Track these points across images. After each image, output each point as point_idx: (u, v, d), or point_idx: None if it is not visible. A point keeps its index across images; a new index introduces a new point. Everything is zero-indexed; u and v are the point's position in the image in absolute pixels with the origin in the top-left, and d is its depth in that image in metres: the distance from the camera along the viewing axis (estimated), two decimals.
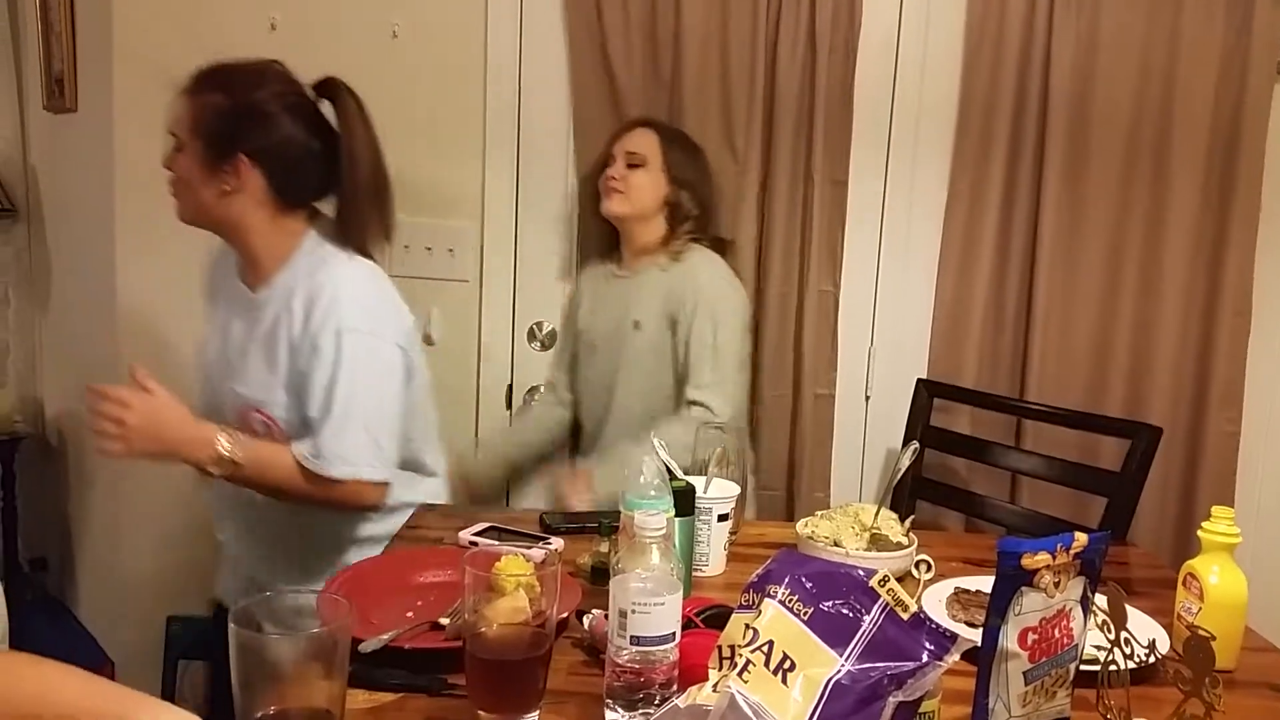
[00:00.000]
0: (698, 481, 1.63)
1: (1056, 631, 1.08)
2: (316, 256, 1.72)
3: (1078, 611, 1.10)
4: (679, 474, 1.59)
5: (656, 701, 1.10)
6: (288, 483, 1.66)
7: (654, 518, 1.15)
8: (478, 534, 1.72)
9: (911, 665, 0.98)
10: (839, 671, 0.98)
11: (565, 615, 1.35)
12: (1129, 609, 1.13)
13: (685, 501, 1.50)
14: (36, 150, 3.14)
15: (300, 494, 1.67)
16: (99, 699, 0.85)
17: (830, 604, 1.01)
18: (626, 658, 1.10)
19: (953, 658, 0.99)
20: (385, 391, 1.70)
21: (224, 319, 1.82)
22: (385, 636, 1.28)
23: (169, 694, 2.64)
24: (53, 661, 0.90)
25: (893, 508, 1.75)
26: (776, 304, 2.44)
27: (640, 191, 2.22)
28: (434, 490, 1.91)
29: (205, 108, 1.68)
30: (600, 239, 2.38)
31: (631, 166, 2.22)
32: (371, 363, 1.67)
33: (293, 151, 1.70)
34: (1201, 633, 1.07)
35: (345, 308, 1.65)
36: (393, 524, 1.78)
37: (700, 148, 2.32)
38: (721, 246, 2.34)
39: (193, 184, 1.70)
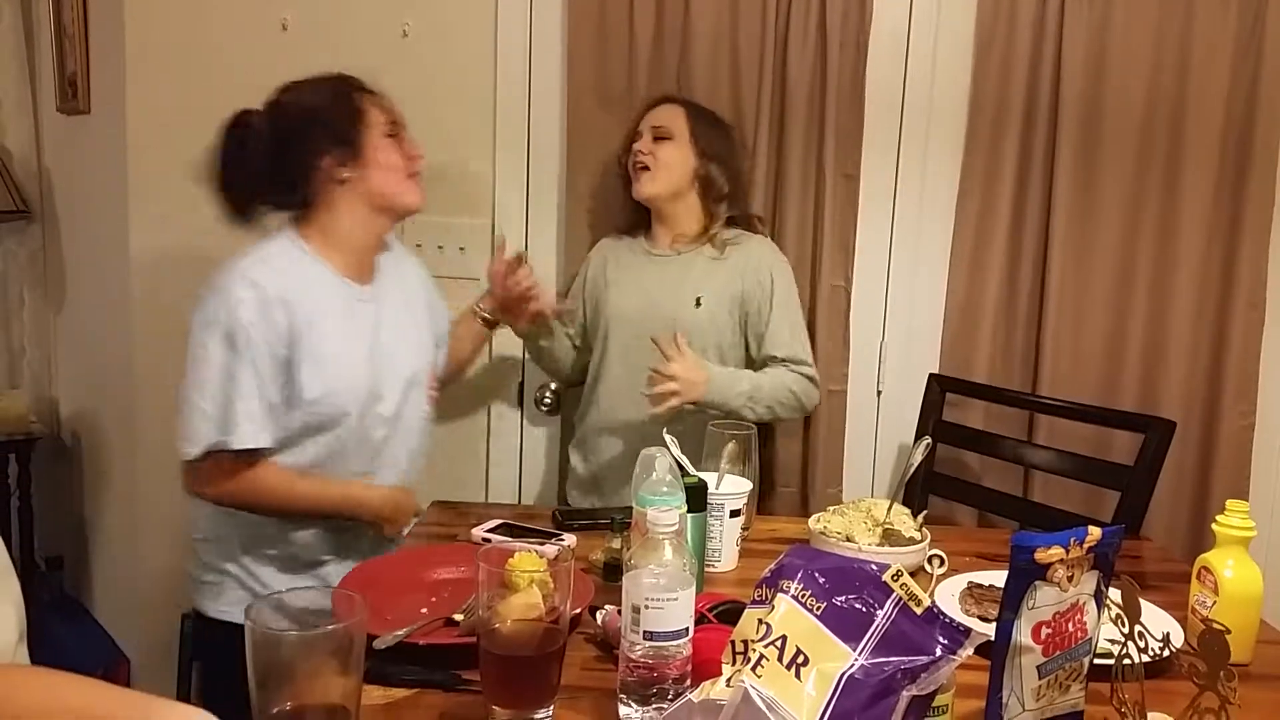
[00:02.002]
0: (709, 478, 1.63)
1: (1070, 625, 1.08)
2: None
3: (1091, 605, 1.10)
4: (691, 470, 1.60)
5: (670, 696, 1.10)
6: None
7: (666, 514, 1.15)
8: (491, 530, 1.73)
9: (925, 659, 0.98)
10: (852, 666, 0.98)
11: (578, 611, 1.35)
12: (1143, 603, 1.12)
13: (697, 497, 1.51)
14: (50, 152, 3.15)
15: None
16: (111, 705, 0.85)
17: (843, 599, 1.02)
18: (640, 653, 1.10)
19: (966, 652, 0.99)
20: None
21: (358, 321, 1.84)
22: (400, 633, 1.29)
23: (184, 692, 2.65)
24: (63, 673, 0.90)
25: (905, 503, 1.75)
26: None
27: (669, 167, 2.21)
28: None
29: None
30: (628, 218, 2.35)
31: (659, 140, 2.21)
32: None
33: None
34: (1216, 626, 1.06)
35: None
36: None
37: (728, 123, 2.32)
38: (753, 223, 2.34)
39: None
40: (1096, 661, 1.13)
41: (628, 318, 2.25)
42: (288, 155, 1.78)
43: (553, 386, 2.54)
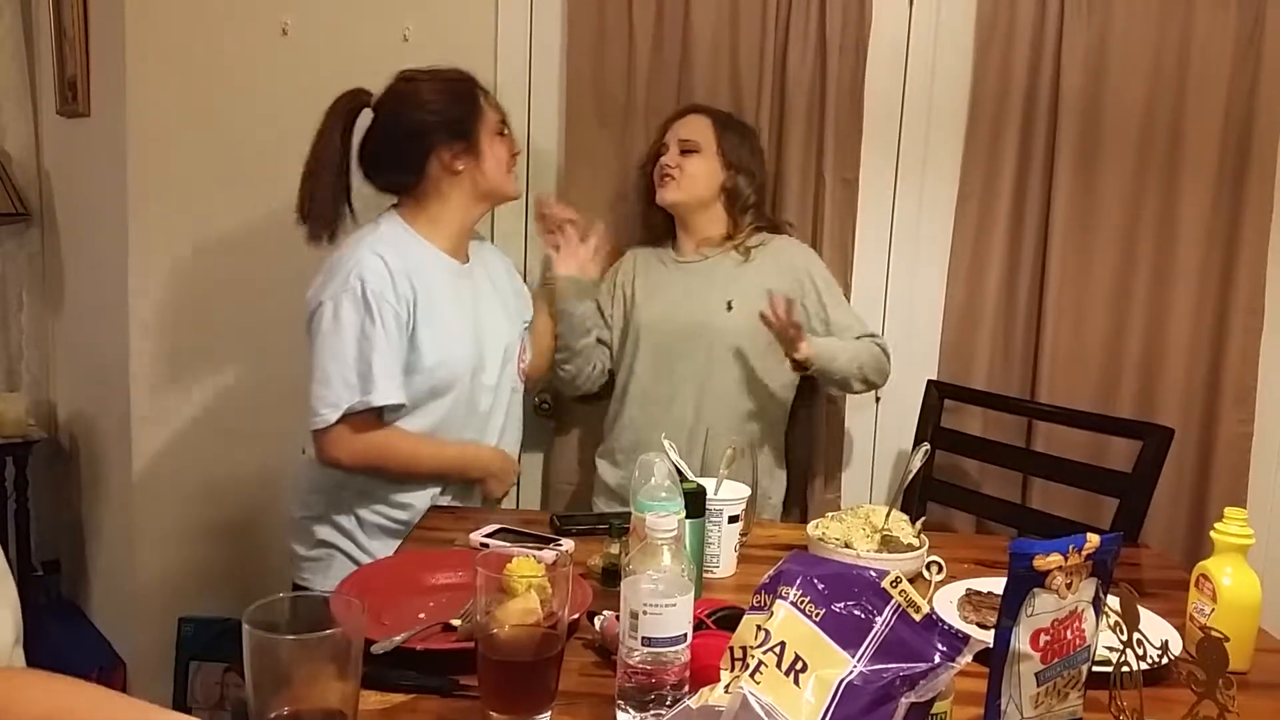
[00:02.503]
0: (708, 483, 1.63)
1: (1069, 633, 1.08)
2: None
3: (1090, 613, 1.10)
4: (690, 475, 1.59)
5: (668, 703, 1.10)
6: None
7: (665, 519, 1.15)
8: (489, 535, 1.72)
9: (924, 666, 0.98)
10: (851, 673, 0.98)
11: (576, 616, 1.35)
12: (1141, 610, 1.12)
13: (696, 503, 1.50)
14: (50, 154, 3.15)
15: None
16: (111, 712, 0.85)
17: (842, 605, 1.01)
18: (638, 659, 1.10)
19: (965, 659, 0.99)
20: None
21: (462, 296, 1.98)
22: (397, 638, 1.28)
23: (180, 695, 2.65)
24: (64, 678, 0.90)
25: (903, 509, 1.75)
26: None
27: (695, 179, 2.22)
28: None
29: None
30: (652, 229, 2.36)
31: (686, 153, 2.22)
32: None
33: None
34: (1215, 634, 1.06)
35: None
36: None
37: (754, 130, 2.33)
38: (781, 227, 2.34)
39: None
40: (1095, 669, 1.13)
41: (656, 326, 2.25)
42: (409, 144, 1.94)
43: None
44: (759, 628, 1.01)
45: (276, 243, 2.12)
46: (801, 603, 1.02)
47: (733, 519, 1.63)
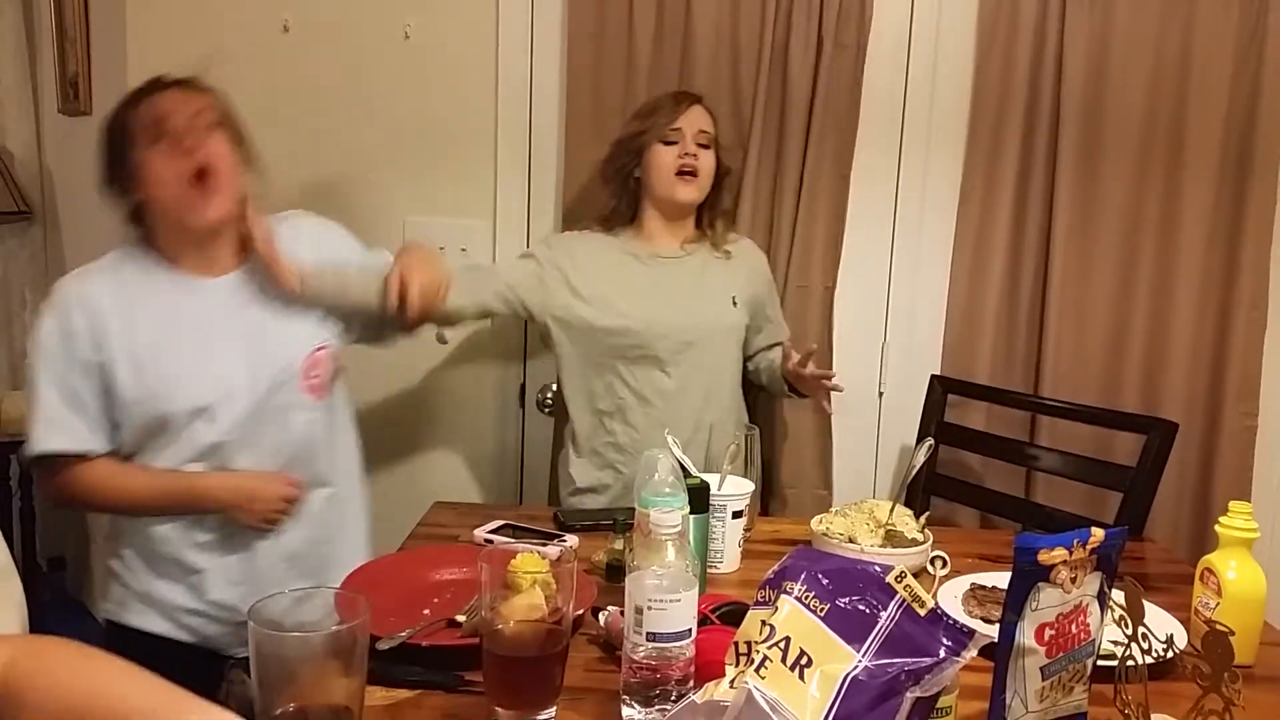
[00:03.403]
0: (711, 479, 1.63)
1: (1073, 627, 1.08)
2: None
3: (1094, 607, 1.10)
4: (693, 471, 1.59)
5: (673, 698, 1.10)
6: None
7: (669, 515, 1.15)
8: (493, 531, 1.73)
9: (929, 661, 0.98)
10: (856, 667, 0.98)
11: (581, 612, 1.35)
12: (1146, 604, 1.12)
13: (700, 499, 1.51)
14: (51, 153, 3.16)
15: None
16: (148, 699, 0.84)
17: (847, 600, 1.01)
18: (643, 654, 1.10)
19: (970, 653, 0.99)
20: None
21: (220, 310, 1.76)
22: (402, 634, 1.29)
23: None
24: (104, 654, 0.88)
25: (907, 504, 1.75)
26: (788, 301, 2.43)
27: (709, 174, 2.17)
28: None
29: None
30: (618, 216, 2.21)
31: (702, 146, 2.15)
32: None
33: None
34: (1220, 628, 1.06)
35: None
36: None
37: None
38: (730, 218, 2.35)
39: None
40: (1100, 663, 1.13)
41: (658, 324, 2.11)
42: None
43: (554, 387, 2.53)
44: (763, 623, 1.01)
45: None
46: (806, 598, 1.02)
47: (736, 514, 1.64)
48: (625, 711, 1.13)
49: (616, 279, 2.15)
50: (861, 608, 1.01)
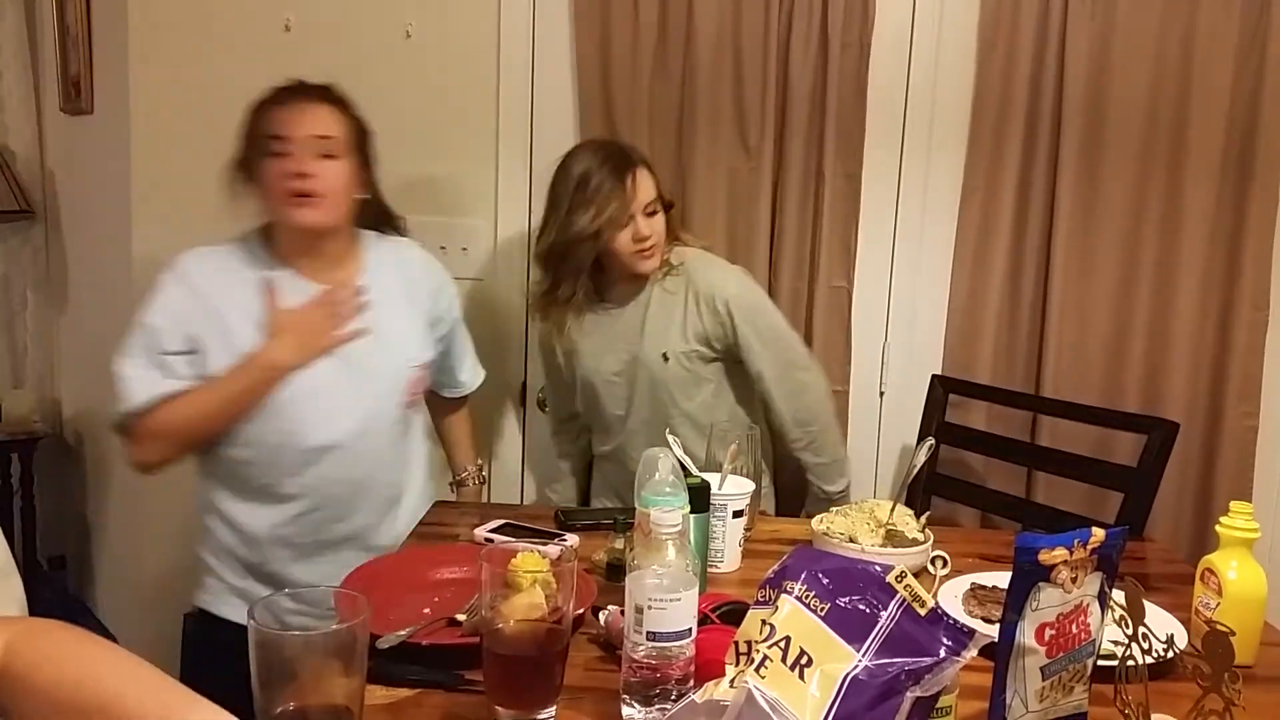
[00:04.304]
0: (712, 478, 1.63)
1: (1074, 627, 1.08)
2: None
3: (1095, 607, 1.10)
4: (694, 470, 1.59)
5: (673, 697, 1.10)
6: None
7: (669, 514, 1.15)
8: (494, 530, 1.73)
9: (929, 661, 0.98)
10: (856, 667, 0.98)
11: (581, 611, 1.35)
12: (1146, 604, 1.12)
13: (700, 498, 1.50)
14: (53, 152, 3.16)
15: None
16: (144, 691, 0.83)
17: (847, 600, 1.01)
18: (643, 653, 1.10)
19: (970, 653, 0.99)
20: None
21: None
22: (403, 633, 1.29)
23: None
24: (104, 643, 0.88)
25: (908, 504, 1.75)
26: (789, 300, 2.44)
27: (661, 235, 2.08)
28: None
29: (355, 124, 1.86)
30: (593, 285, 2.15)
31: (652, 214, 2.06)
32: None
33: None
34: (1220, 628, 1.06)
35: None
36: None
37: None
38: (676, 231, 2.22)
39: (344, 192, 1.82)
40: (1100, 663, 1.13)
41: (602, 378, 2.17)
42: None
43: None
44: (764, 622, 1.01)
45: None
46: (806, 597, 1.02)
47: (737, 514, 1.64)
48: (625, 711, 1.13)
49: (587, 338, 2.18)
50: (862, 607, 1.01)
